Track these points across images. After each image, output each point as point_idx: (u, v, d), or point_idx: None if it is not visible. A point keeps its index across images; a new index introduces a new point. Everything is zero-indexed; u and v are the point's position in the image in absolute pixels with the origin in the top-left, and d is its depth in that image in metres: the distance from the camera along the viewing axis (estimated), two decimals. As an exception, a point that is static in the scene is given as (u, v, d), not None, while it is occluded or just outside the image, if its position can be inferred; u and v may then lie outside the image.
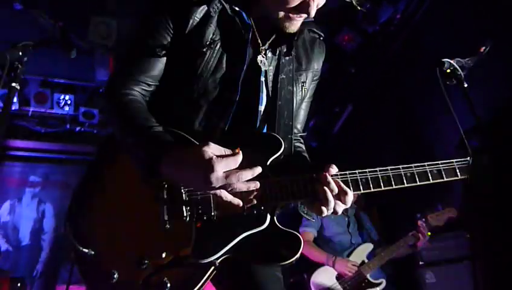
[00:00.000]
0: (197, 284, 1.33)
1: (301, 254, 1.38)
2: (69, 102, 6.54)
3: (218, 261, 1.34)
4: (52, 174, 6.81)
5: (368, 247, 4.02)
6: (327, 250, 4.00)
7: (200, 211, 1.36)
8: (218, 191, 1.25)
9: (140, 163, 1.31)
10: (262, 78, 1.58)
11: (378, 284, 3.82)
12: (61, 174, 6.82)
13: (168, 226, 1.33)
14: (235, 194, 1.28)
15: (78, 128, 6.78)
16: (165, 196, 1.34)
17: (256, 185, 1.29)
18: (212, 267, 1.34)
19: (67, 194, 6.75)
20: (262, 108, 1.59)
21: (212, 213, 1.36)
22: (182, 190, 1.36)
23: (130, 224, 1.38)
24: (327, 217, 4.44)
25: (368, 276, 3.82)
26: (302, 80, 1.69)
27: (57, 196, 6.46)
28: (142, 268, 1.33)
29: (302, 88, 1.69)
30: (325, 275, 3.84)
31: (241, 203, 1.30)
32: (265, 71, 1.58)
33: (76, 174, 6.74)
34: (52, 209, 6.55)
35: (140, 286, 1.33)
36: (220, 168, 1.20)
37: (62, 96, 6.48)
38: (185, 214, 1.34)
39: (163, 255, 1.34)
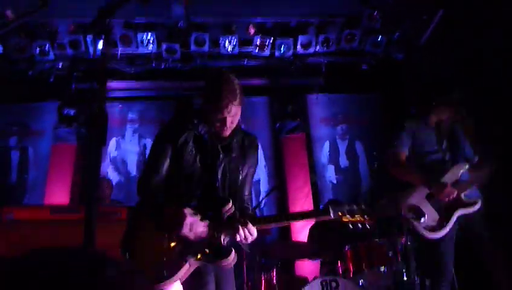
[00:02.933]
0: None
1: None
2: (151, 40, 6.76)
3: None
4: (146, 111, 7.30)
5: (463, 166, 3.83)
6: (419, 169, 3.91)
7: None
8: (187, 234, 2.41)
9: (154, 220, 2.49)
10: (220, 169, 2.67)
11: (472, 204, 3.72)
12: (154, 110, 7.30)
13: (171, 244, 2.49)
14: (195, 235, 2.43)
15: (163, 65, 7.08)
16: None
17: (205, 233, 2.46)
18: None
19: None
20: (219, 184, 2.66)
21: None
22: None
23: (157, 250, 2.49)
24: (418, 134, 4.27)
25: (462, 196, 3.71)
26: (241, 167, 2.74)
27: (153, 131, 6.90)
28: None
29: (243, 171, 2.75)
30: (417, 195, 3.81)
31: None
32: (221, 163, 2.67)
33: (168, 110, 7.21)
34: (154, 143, 7.10)
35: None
36: (186, 224, 2.39)
37: (144, 36, 6.71)
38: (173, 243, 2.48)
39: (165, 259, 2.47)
